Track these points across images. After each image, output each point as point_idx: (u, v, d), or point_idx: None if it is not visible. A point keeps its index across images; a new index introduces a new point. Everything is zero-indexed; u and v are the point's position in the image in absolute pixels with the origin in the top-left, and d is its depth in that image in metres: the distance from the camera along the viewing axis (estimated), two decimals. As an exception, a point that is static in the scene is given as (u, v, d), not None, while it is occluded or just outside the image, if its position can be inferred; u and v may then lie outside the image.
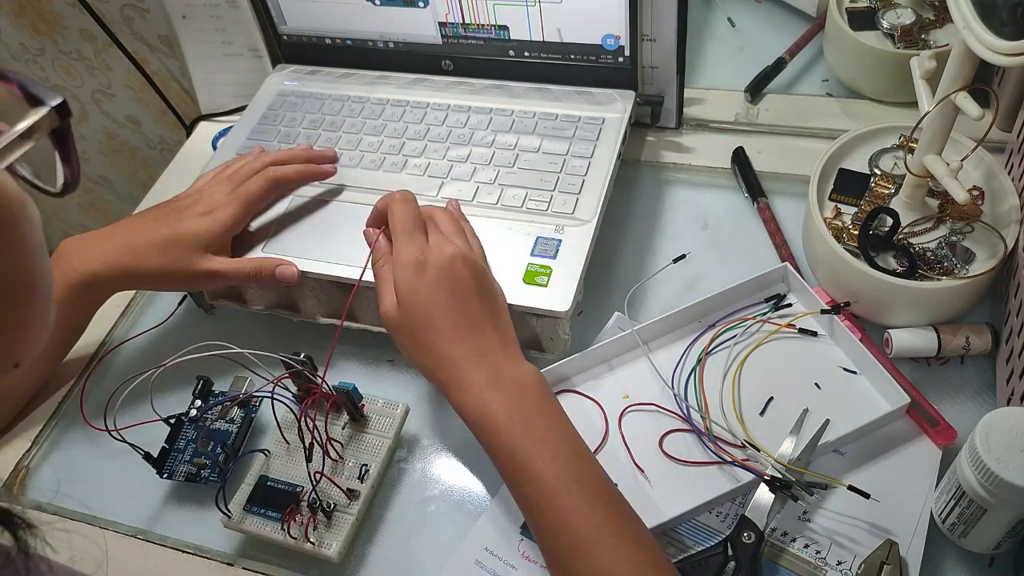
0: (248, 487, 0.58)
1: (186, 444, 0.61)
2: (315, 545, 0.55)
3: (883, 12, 0.73)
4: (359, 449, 0.59)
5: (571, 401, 0.60)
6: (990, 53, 0.46)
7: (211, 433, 0.61)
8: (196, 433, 0.61)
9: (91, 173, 1.40)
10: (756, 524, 0.51)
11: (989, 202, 0.60)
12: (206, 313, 0.71)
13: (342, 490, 0.57)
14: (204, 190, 0.67)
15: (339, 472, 0.58)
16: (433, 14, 0.74)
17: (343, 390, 0.58)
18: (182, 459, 0.61)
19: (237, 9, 0.83)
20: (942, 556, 0.51)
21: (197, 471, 0.60)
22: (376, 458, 0.58)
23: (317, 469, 0.56)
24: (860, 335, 0.58)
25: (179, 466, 0.60)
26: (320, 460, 0.56)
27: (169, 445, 0.61)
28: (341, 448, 0.59)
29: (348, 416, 0.60)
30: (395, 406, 0.60)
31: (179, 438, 0.61)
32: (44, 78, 1.23)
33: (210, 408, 0.62)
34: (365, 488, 0.57)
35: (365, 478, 0.58)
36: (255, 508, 0.57)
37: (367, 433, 0.60)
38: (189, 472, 0.60)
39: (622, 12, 0.68)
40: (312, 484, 0.55)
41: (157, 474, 0.60)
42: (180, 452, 0.61)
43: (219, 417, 0.62)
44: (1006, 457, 0.44)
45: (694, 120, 0.78)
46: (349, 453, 0.59)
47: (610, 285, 0.67)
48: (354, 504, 0.57)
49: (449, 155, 0.72)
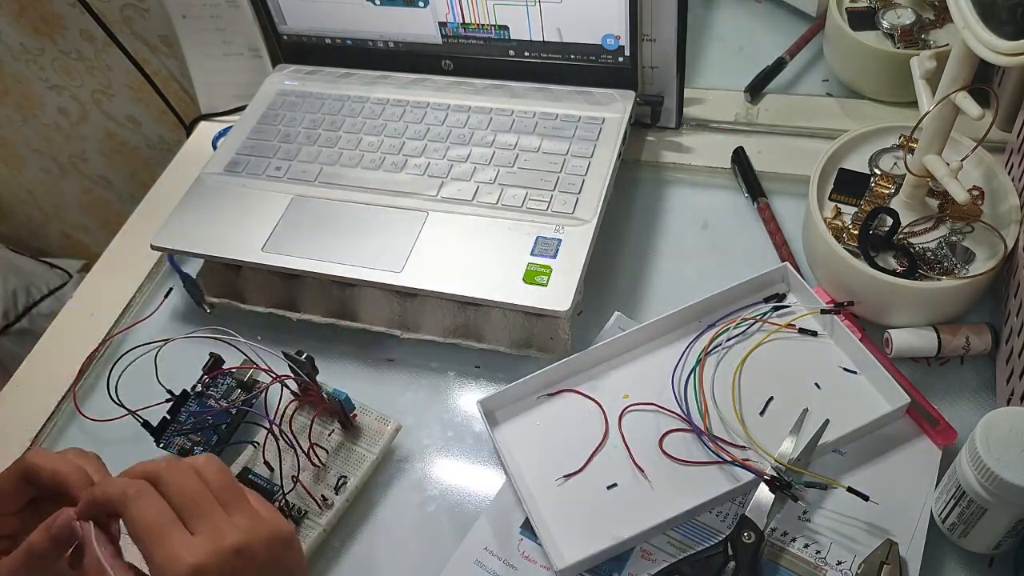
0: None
1: (187, 417, 0.62)
2: None
3: (883, 12, 0.73)
4: (343, 459, 0.59)
5: (571, 401, 0.60)
6: (990, 53, 0.46)
7: (210, 411, 0.62)
8: (198, 407, 0.62)
9: (91, 173, 1.40)
10: (756, 524, 0.51)
11: (989, 202, 0.60)
12: (206, 312, 0.71)
13: (315, 499, 0.56)
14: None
15: (320, 479, 0.58)
16: (433, 14, 0.74)
17: (335, 399, 0.57)
18: (179, 431, 0.61)
19: (237, 9, 0.83)
20: (942, 556, 0.51)
21: (191, 447, 0.60)
22: (357, 471, 0.58)
23: (294, 473, 0.56)
24: (860, 335, 0.58)
25: (175, 438, 0.61)
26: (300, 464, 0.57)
27: (171, 416, 0.62)
28: (326, 456, 0.58)
29: (339, 423, 0.60)
30: (387, 422, 0.60)
31: (181, 412, 0.62)
32: (44, 78, 1.23)
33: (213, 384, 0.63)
34: (339, 500, 0.57)
35: (341, 490, 0.57)
36: None
37: (355, 444, 0.59)
38: (183, 447, 0.61)
39: (622, 12, 0.68)
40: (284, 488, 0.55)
41: (155, 443, 0.61)
42: (180, 424, 0.62)
43: (222, 396, 0.62)
44: (1006, 457, 0.44)
45: (694, 120, 0.78)
46: (333, 462, 0.58)
47: (610, 285, 0.67)
48: (325, 514, 0.56)
49: (449, 155, 0.72)
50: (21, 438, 0.67)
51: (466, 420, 0.62)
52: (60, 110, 1.29)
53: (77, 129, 1.32)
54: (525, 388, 0.60)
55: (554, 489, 0.56)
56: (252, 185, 0.73)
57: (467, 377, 0.65)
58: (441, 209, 0.68)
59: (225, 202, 0.73)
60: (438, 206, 0.68)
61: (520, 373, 0.60)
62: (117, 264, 0.80)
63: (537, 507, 0.55)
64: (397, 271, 0.64)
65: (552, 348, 0.62)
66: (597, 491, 0.55)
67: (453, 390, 0.64)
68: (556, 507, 0.55)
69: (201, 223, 0.71)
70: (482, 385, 0.64)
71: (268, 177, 0.74)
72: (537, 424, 0.59)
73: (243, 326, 0.70)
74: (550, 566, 0.53)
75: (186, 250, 0.70)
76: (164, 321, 0.72)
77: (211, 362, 0.64)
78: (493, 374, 0.64)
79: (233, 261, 0.68)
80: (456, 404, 0.63)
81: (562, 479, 0.56)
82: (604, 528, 0.52)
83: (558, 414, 0.60)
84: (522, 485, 0.55)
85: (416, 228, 0.67)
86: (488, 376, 0.64)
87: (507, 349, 0.63)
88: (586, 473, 0.56)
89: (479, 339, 0.64)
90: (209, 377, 0.64)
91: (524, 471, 0.57)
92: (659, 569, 0.51)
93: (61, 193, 1.48)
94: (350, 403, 0.58)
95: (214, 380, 0.64)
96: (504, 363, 0.64)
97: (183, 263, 0.73)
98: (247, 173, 0.75)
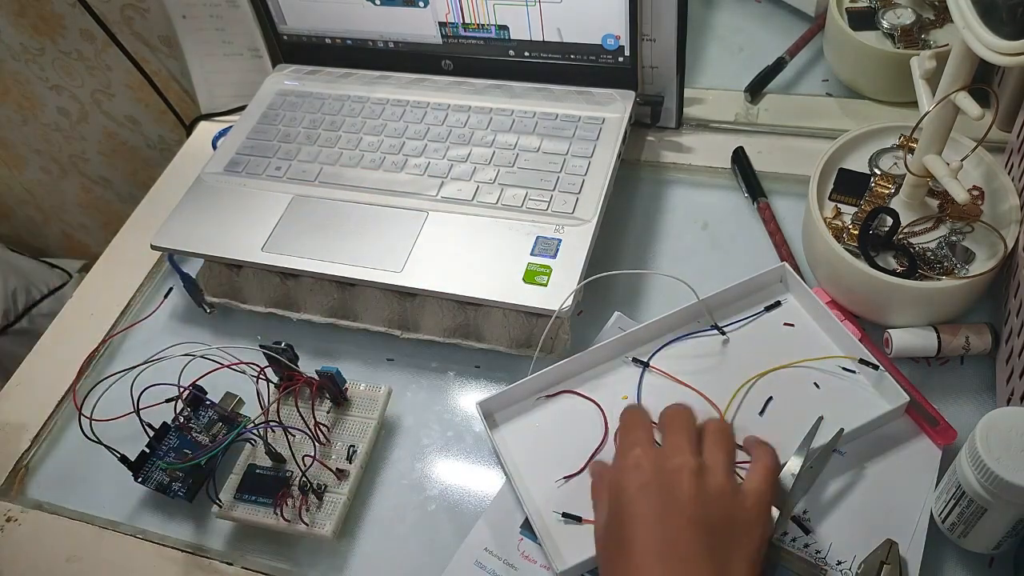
0: (237, 477, 0.59)
1: (167, 451, 0.61)
2: (308, 525, 0.56)
3: (883, 12, 0.73)
4: (345, 431, 0.60)
5: (571, 402, 0.60)
6: (990, 53, 0.46)
7: (192, 446, 0.60)
8: (179, 442, 0.61)
9: (91, 173, 1.40)
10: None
11: (989, 202, 0.60)
12: (206, 312, 0.71)
13: (332, 471, 0.58)
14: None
15: (327, 455, 0.59)
16: (433, 14, 0.74)
17: (326, 373, 0.58)
18: (159, 466, 0.60)
19: (237, 9, 0.83)
20: (942, 556, 0.51)
21: (169, 482, 0.60)
22: (363, 439, 0.60)
23: (307, 453, 0.57)
24: (860, 335, 0.58)
25: (154, 473, 0.60)
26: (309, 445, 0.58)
27: (151, 450, 0.61)
28: (327, 431, 0.60)
29: (331, 401, 0.61)
30: (377, 388, 0.62)
31: (162, 444, 0.61)
32: (44, 78, 1.23)
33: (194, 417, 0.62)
34: (354, 468, 0.58)
35: (353, 458, 0.59)
36: (246, 496, 0.58)
37: (351, 416, 0.61)
38: (161, 482, 0.60)
39: (622, 12, 0.68)
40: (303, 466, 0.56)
41: (133, 478, 0.60)
42: (160, 458, 0.60)
43: (203, 430, 0.61)
44: (1006, 457, 0.44)
45: (694, 120, 0.78)
46: (335, 436, 0.60)
47: (610, 285, 0.67)
48: (344, 484, 0.58)
49: (449, 155, 0.72)
50: (21, 438, 0.67)
51: (466, 420, 0.62)
52: (60, 110, 1.29)
53: (77, 129, 1.32)
54: (524, 389, 0.60)
55: (554, 490, 0.56)
56: (252, 185, 0.73)
57: (467, 377, 0.65)
58: (441, 209, 0.68)
59: (225, 202, 0.73)
60: (438, 206, 0.68)
61: (520, 373, 0.60)
62: (117, 264, 0.80)
63: (537, 508, 0.55)
64: (397, 271, 0.64)
65: (552, 348, 0.62)
66: (597, 491, 0.55)
67: (453, 390, 0.64)
68: (556, 508, 0.55)
69: (201, 223, 0.71)
70: (482, 385, 0.64)
71: (268, 177, 0.74)
72: (537, 425, 0.59)
73: (243, 326, 0.70)
74: (550, 567, 0.53)
75: (186, 250, 0.70)
76: (164, 321, 0.72)
77: (190, 395, 0.61)
78: (493, 374, 0.64)
79: (233, 261, 0.69)
80: (456, 404, 0.63)
81: (562, 480, 0.56)
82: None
83: (558, 415, 0.60)
84: (522, 487, 0.55)
85: (416, 228, 0.67)
86: (488, 376, 0.64)
87: (507, 349, 0.63)
88: (586, 474, 0.56)
89: (479, 339, 0.64)
90: (191, 411, 0.62)
91: (524, 473, 0.57)
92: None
93: (61, 193, 1.48)
94: (341, 376, 0.60)
95: (195, 412, 0.62)
96: (504, 363, 0.64)
97: (183, 263, 0.73)
98: (247, 173, 0.75)
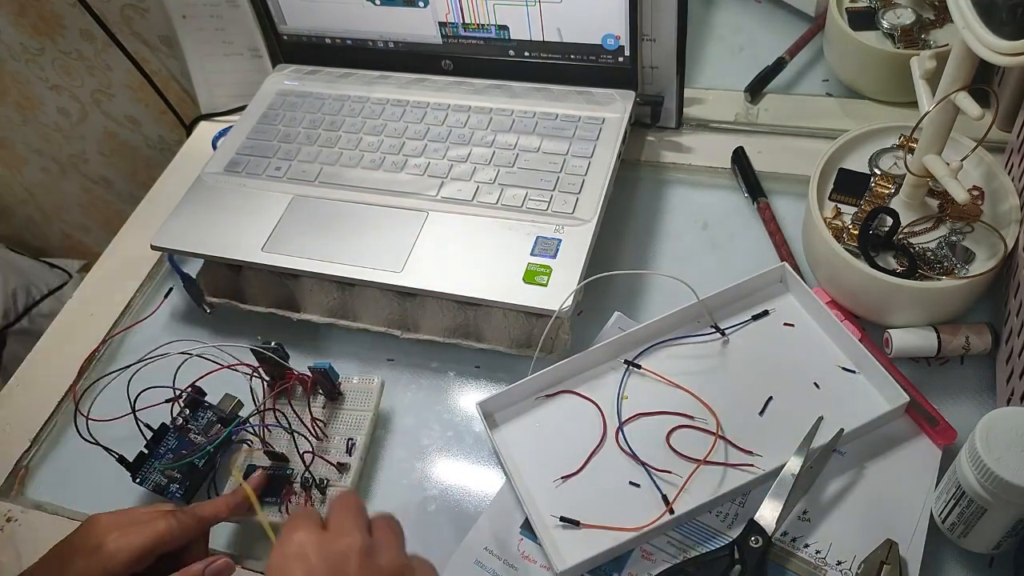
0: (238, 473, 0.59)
1: (165, 452, 0.61)
2: None
3: (883, 12, 0.73)
4: (342, 425, 0.61)
5: (570, 402, 0.60)
6: (990, 53, 0.46)
7: (190, 447, 0.60)
8: (177, 443, 0.61)
9: (91, 173, 1.40)
10: (764, 529, 0.50)
11: (989, 202, 0.60)
12: (206, 312, 0.71)
13: (333, 464, 0.58)
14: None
15: (326, 450, 0.60)
16: (433, 14, 0.74)
17: (319, 369, 0.58)
18: (156, 467, 0.60)
19: (237, 9, 0.83)
20: (942, 556, 0.51)
21: (166, 484, 0.60)
22: (360, 431, 0.60)
23: (306, 449, 0.57)
24: (860, 335, 0.58)
25: (152, 474, 0.60)
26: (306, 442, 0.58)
27: (149, 451, 0.61)
28: (324, 427, 0.60)
29: (326, 396, 0.61)
30: (371, 379, 0.62)
31: (160, 447, 0.61)
32: (44, 78, 1.23)
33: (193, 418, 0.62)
34: (354, 460, 0.59)
35: (353, 451, 0.59)
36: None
37: (347, 410, 0.61)
38: (158, 483, 0.60)
39: (622, 12, 0.68)
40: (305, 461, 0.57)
41: (131, 479, 0.60)
42: (158, 459, 0.60)
43: (202, 431, 0.61)
44: (1006, 457, 0.44)
45: (694, 120, 0.78)
46: (333, 431, 0.60)
47: (610, 285, 0.67)
48: (346, 476, 0.58)
49: (449, 155, 0.72)
50: (21, 438, 0.67)
51: (466, 420, 0.62)
52: (60, 110, 1.29)
53: (77, 129, 1.32)
54: (524, 389, 0.60)
55: (554, 490, 0.56)
56: (252, 185, 0.73)
57: (467, 377, 0.65)
58: (441, 209, 0.68)
59: (225, 202, 0.73)
60: (438, 206, 0.68)
61: (520, 373, 0.60)
62: (117, 264, 0.80)
63: (537, 509, 0.55)
64: (397, 271, 0.64)
65: (552, 348, 0.62)
66: (597, 492, 0.55)
67: (453, 390, 0.64)
68: (556, 508, 0.55)
69: (201, 223, 0.71)
70: (482, 385, 0.64)
71: (268, 177, 0.74)
72: (536, 425, 0.59)
73: (243, 326, 0.70)
74: (550, 567, 0.53)
75: (186, 250, 0.70)
76: (164, 321, 0.72)
77: (189, 396, 0.61)
78: (493, 374, 0.64)
79: (233, 261, 0.68)
80: (456, 404, 0.63)
81: (560, 480, 0.56)
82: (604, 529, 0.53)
83: (557, 415, 0.60)
84: (522, 487, 0.55)
85: (416, 228, 0.67)
86: (488, 376, 0.64)
87: (507, 349, 0.63)
88: (585, 474, 0.56)
89: (479, 339, 0.64)
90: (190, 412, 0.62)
91: (524, 473, 0.57)
92: (663, 569, 0.51)
93: (61, 193, 1.48)
94: (335, 372, 0.60)
95: (194, 413, 0.62)
96: (504, 363, 0.64)
97: (183, 263, 0.73)
98: (247, 173, 0.75)
